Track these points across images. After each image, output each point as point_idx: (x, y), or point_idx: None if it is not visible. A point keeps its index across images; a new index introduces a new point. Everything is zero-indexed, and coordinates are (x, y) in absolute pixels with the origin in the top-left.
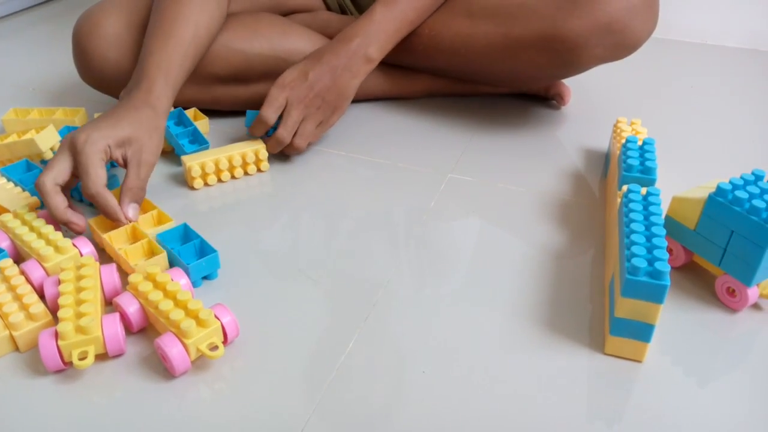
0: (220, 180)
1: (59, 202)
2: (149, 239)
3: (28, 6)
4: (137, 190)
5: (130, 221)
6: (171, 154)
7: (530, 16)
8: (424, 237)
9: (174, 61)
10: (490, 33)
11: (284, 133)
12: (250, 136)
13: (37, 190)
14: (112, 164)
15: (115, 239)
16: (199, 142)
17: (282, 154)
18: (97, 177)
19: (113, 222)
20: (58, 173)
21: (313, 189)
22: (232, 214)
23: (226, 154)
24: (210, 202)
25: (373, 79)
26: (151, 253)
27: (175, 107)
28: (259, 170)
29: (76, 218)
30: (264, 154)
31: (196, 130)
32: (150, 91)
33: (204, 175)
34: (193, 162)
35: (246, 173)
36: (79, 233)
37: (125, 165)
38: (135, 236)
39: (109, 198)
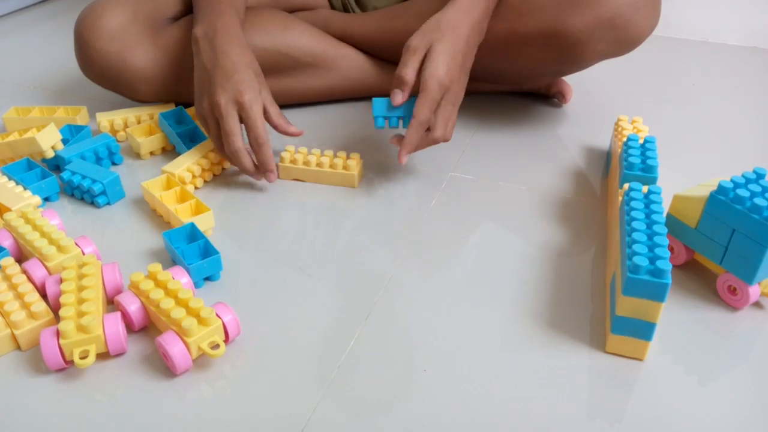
0: (205, 181)
1: (249, 159)
2: (197, 199)
3: (29, 4)
4: (282, 117)
5: (300, 134)
6: (172, 152)
7: (533, 11)
8: (425, 235)
9: (240, 2)
10: (492, 29)
11: (443, 130)
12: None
13: (230, 155)
14: (112, 162)
15: (167, 199)
16: (199, 140)
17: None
18: (264, 129)
19: (266, 172)
20: (240, 136)
21: (313, 188)
22: (232, 214)
23: (198, 158)
24: (209, 203)
25: (375, 75)
26: (198, 211)
27: (176, 105)
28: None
29: (274, 166)
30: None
31: (196, 128)
32: (237, 28)
33: (186, 183)
34: (170, 171)
35: (223, 168)
36: (272, 181)
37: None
38: (183, 197)
39: (270, 149)
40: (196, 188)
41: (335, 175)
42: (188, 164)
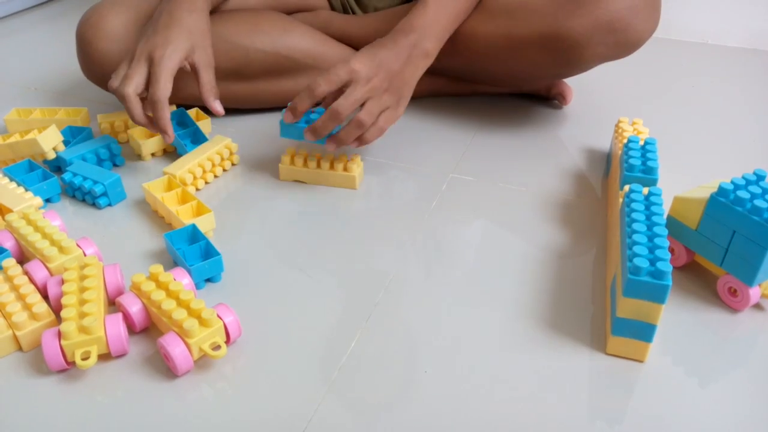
0: (206, 182)
1: (140, 108)
2: (198, 201)
3: (30, 6)
4: (214, 87)
5: (221, 114)
6: (173, 153)
7: (532, 15)
8: (426, 237)
9: None
10: (491, 32)
11: (345, 104)
12: (285, 131)
13: (117, 95)
14: (114, 164)
15: (168, 200)
16: (200, 142)
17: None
18: (165, 87)
19: (162, 133)
20: (138, 84)
21: (314, 190)
22: (233, 216)
23: (200, 159)
24: (210, 204)
25: None
26: (199, 212)
27: (177, 106)
28: (232, 164)
29: (170, 129)
30: (235, 146)
31: (198, 130)
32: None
33: (187, 185)
34: (171, 172)
35: (224, 169)
36: (169, 142)
37: (193, 69)
38: (184, 199)
39: (167, 110)
40: (197, 190)
41: (336, 177)
42: (190, 165)
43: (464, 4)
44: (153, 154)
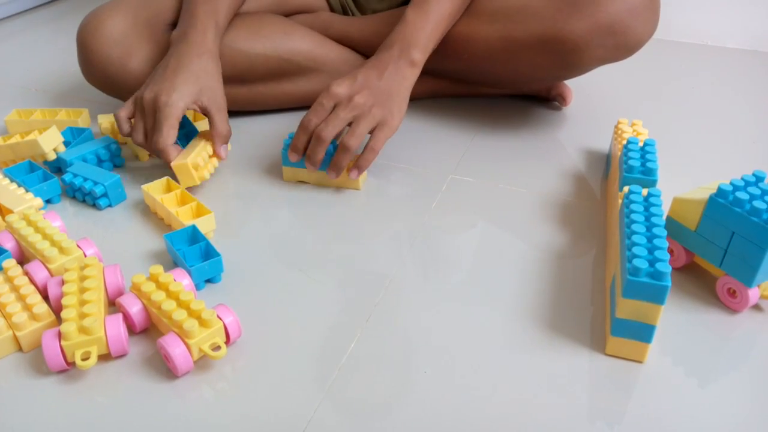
0: (214, 167)
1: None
2: (198, 202)
3: (31, 7)
4: (226, 133)
5: (222, 159)
6: None
7: (531, 17)
8: (426, 238)
9: (221, 9)
10: (490, 35)
11: (325, 128)
12: (288, 163)
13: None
14: (114, 165)
15: (167, 201)
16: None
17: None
18: (167, 136)
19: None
20: (147, 132)
21: (316, 190)
22: (234, 216)
23: (201, 146)
24: (210, 205)
25: None
26: (199, 213)
27: None
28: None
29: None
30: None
31: (192, 131)
32: (205, 37)
33: (200, 170)
34: (185, 161)
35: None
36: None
37: (205, 113)
38: (184, 200)
39: (173, 152)
40: (210, 174)
41: (339, 177)
42: (195, 152)
43: (449, 8)
44: (150, 156)
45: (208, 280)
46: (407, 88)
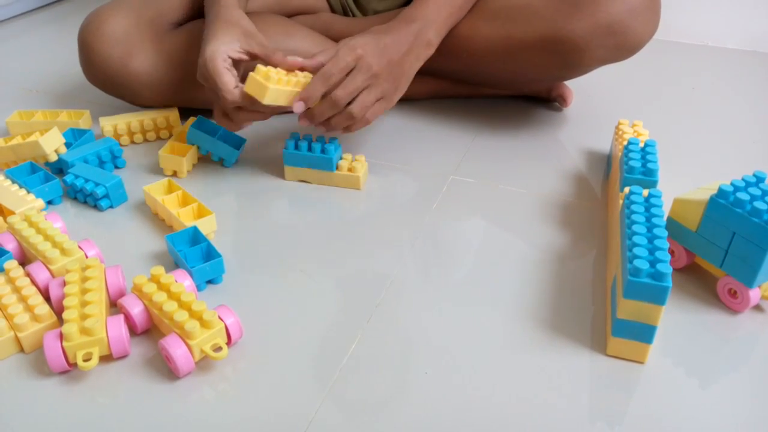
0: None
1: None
2: (199, 203)
3: (32, 8)
4: (277, 53)
5: (300, 64)
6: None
7: (531, 17)
8: (427, 238)
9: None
10: (491, 34)
11: (343, 94)
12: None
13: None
14: (115, 166)
15: (169, 203)
16: (235, 143)
17: (323, 129)
18: (224, 83)
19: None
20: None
21: (317, 190)
22: (235, 217)
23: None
24: (211, 206)
25: None
26: (200, 214)
27: (179, 108)
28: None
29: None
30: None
31: (225, 131)
32: (228, 8)
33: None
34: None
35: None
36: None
37: (253, 56)
38: (185, 201)
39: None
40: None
41: (340, 177)
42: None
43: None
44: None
45: (210, 281)
46: (417, 69)
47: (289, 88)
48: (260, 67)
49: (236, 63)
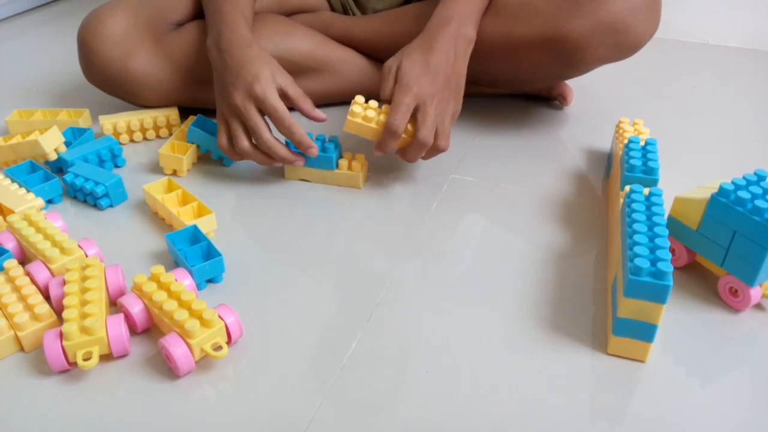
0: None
1: (282, 147)
2: (199, 202)
3: (32, 7)
4: (307, 99)
5: (323, 120)
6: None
7: (532, 16)
8: (427, 238)
9: (245, 6)
10: (492, 34)
11: (427, 134)
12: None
13: (266, 149)
14: (115, 165)
15: (168, 201)
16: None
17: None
18: (286, 112)
19: (306, 149)
20: (266, 127)
21: (317, 189)
22: (235, 216)
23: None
24: (211, 204)
25: (377, 79)
26: (200, 213)
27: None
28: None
29: (304, 140)
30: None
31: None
32: (243, 33)
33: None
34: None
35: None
36: (312, 148)
37: (281, 92)
38: (185, 200)
39: (299, 128)
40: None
41: (340, 176)
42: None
43: None
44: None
45: (210, 280)
46: (466, 65)
47: (375, 126)
48: (359, 100)
49: None
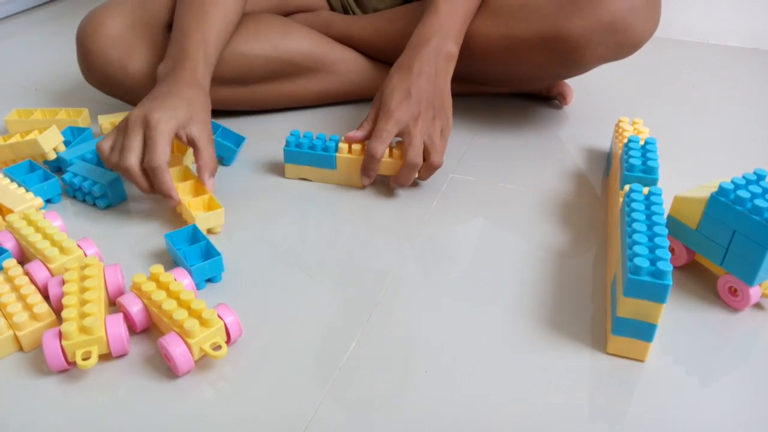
0: None
1: (146, 180)
2: (211, 196)
3: (31, 6)
4: (214, 165)
5: (210, 192)
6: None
7: (532, 15)
8: (427, 237)
9: (210, 41)
10: (492, 32)
11: (415, 155)
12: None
13: (120, 171)
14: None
15: (182, 190)
16: (235, 141)
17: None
18: (163, 152)
19: (164, 198)
20: (139, 153)
21: (317, 188)
22: (235, 215)
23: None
24: None
25: (377, 78)
26: (210, 207)
27: None
28: None
29: (174, 192)
30: None
31: (225, 129)
32: (195, 71)
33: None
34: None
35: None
36: (174, 205)
37: (191, 143)
38: (197, 191)
39: (168, 174)
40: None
41: (340, 175)
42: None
43: (474, 1)
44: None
45: (209, 280)
46: (450, 80)
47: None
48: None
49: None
